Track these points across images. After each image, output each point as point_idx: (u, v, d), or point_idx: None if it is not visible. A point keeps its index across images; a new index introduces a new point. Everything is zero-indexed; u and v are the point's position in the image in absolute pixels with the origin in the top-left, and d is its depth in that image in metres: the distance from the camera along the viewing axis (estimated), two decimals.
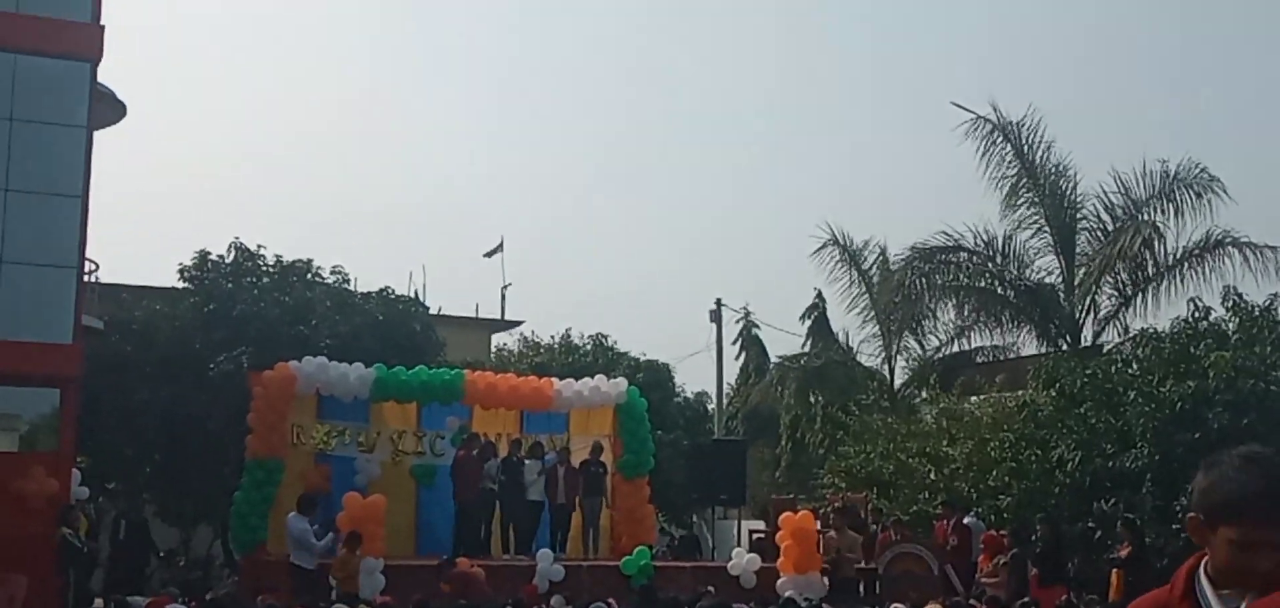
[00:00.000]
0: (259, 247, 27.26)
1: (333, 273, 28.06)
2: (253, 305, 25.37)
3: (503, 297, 42.30)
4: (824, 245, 33.40)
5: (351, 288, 28.05)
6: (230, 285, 26.19)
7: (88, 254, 20.27)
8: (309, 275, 27.46)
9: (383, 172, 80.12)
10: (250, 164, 77.85)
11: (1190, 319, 21.31)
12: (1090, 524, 20.08)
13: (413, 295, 30.08)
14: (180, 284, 26.94)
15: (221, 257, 26.90)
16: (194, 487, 23.64)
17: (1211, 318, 21.11)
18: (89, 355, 21.10)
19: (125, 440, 24.28)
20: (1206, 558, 3.26)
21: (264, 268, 27.07)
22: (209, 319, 25.29)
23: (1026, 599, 14.80)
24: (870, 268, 33.25)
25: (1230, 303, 21.02)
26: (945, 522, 21.19)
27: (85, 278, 20.78)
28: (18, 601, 16.13)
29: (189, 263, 26.81)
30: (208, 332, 24.91)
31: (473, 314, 40.91)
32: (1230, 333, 20.58)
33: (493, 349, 38.90)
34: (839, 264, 33.44)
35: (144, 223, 63.25)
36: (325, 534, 18.15)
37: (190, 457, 23.58)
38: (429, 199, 78.86)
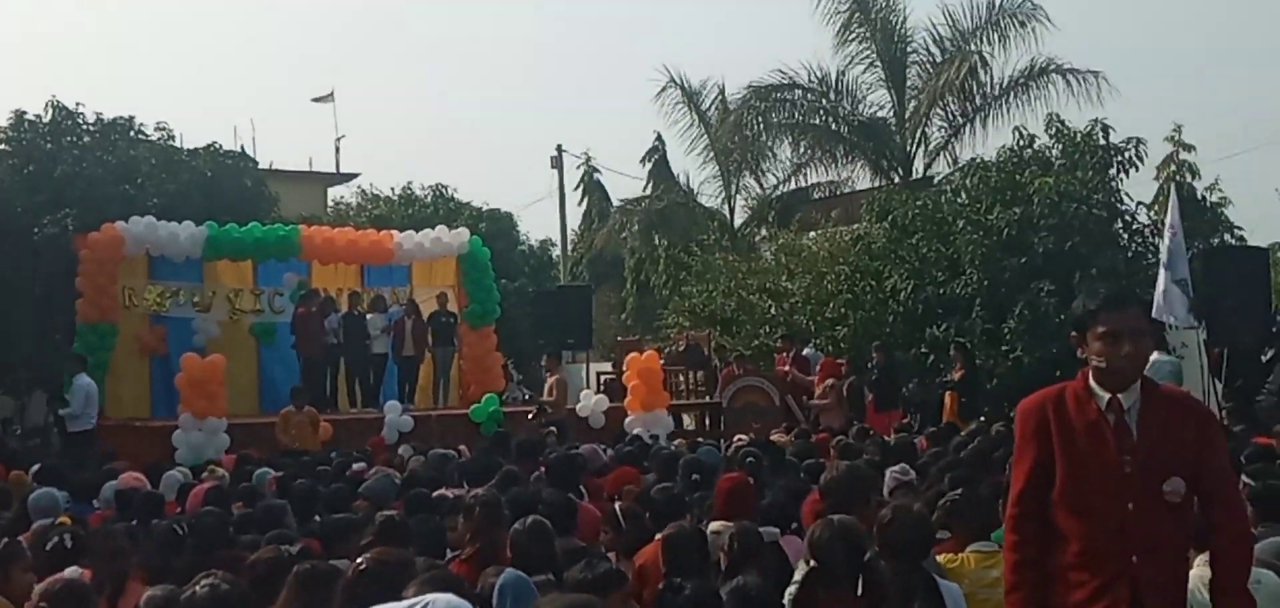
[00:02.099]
0: (78, 104, 26.15)
1: (157, 129, 27.04)
2: (75, 166, 24.32)
3: (337, 149, 41.49)
4: (664, 89, 33.55)
5: (177, 145, 27.11)
6: (49, 145, 25.05)
7: None
8: (132, 133, 26.43)
9: (205, 20, 77.31)
10: (65, 16, 74.39)
11: (1015, 147, 21.85)
12: (923, 350, 20.75)
13: (240, 150, 29.23)
14: None
15: (38, 116, 25.71)
16: (25, 354, 22.82)
17: (1036, 145, 21.65)
18: None
19: None
20: (1090, 369, 4.39)
21: (84, 126, 25.96)
22: (29, 181, 24.22)
23: (862, 426, 15.26)
24: (709, 109, 33.50)
25: (1053, 129, 21.61)
26: (785, 354, 21.67)
27: None
28: None
29: (4, 123, 25.60)
30: (29, 194, 23.86)
31: (306, 168, 40.04)
32: (1054, 159, 21.21)
33: (329, 203, 38.18)
34: (678, 106, 33.66)
35: None
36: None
37: (19, 323, 22.75)
38: (254, 48, 76.55)
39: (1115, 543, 4.30)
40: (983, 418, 16.24)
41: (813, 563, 4.90)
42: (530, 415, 19.10)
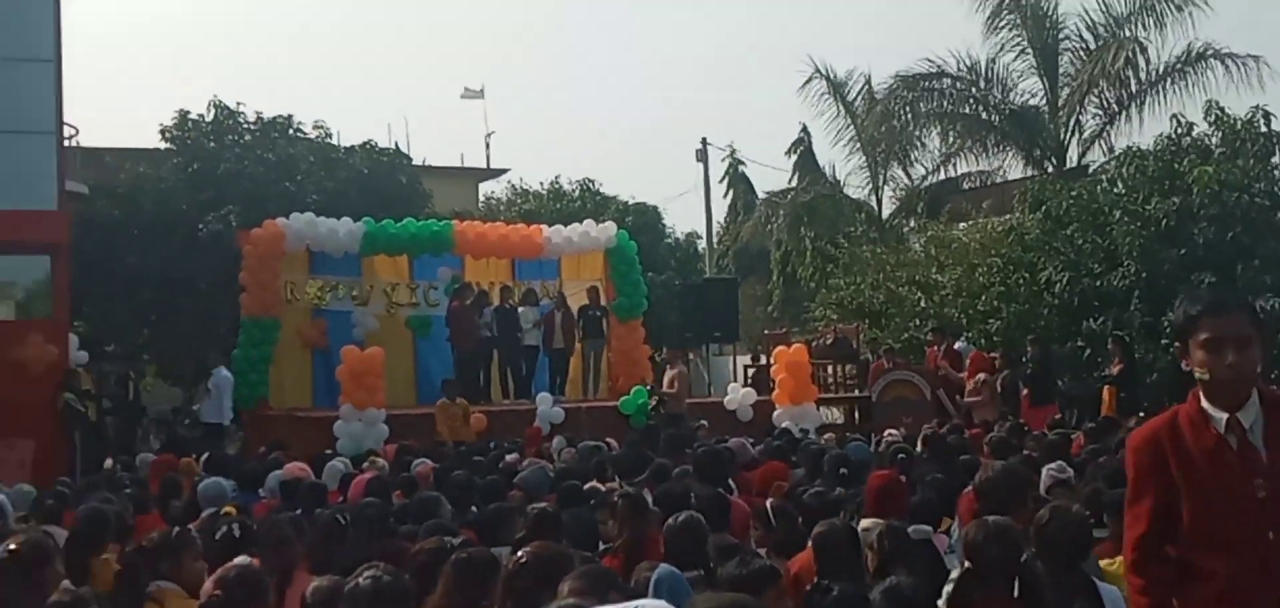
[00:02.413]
0: (238, 104, 27.07)
1: (315, 128, 27.89)
2: (236, 164, 25.22)
3: (487, 145, 42.26)
4: (809, 80, 33.28)
5: (334, 142, 27.89)
6: (212, 144, 26.02)
7: (66, 118, 20.02)
8: (290, 131, 27.27)
9: (358, 18, 79.23)
10: (225, 18, 76.97)
11: (1173, 135, 21.29)
12: (1079, 343, 20.31)
13: (395, 147, 29.90)
14: (162, 145, 26.76)
15: (201, 116, 26.67)
16: (192, 347, 23.70)
17: (1194, 133, 21.08)
18: (77, 221, 21.05)
19: (120, 305, 24.28)
20: (1199, 388, 4.03)
21: (245, 125, 26.88)
22: (193, 180, 25.17)
23: (1016, 422, 15.00)
24: (855, 99, 33.12)
25: (1213, 117, 20.96)
26: (936, 348, 21.39)
27: (65, 142, 20.55)
28: (26, 465, 16.31)
29: (169, 123, 26.61)
30: (193, 192, 24.80)
31: (458, 164, 40.80)
32: (1213, 147, 20.60)
33: (480, 199, 38.86)
34: (824, 97, 33.34)
35: (120, 84, 62.60)
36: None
37: (185, 318, 23.65)
38: (407, 45, 78.13)
39: (1260, 578, 3.91)
40: (1142, 414, 15.84)
41: (967, 564, 4.87)
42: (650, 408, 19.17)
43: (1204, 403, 4.03)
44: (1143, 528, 4.12)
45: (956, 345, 21.45)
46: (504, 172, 40.50)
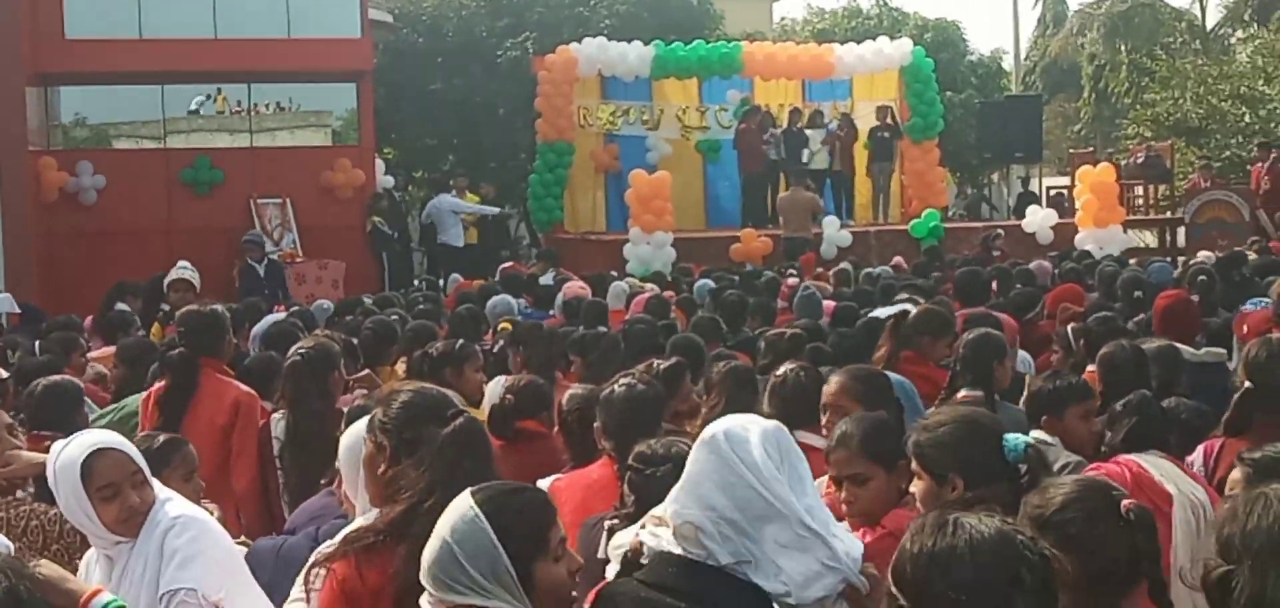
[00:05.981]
0: None
1: None
2: None
3: None
4: None
5: None
6: None
7: None
8: None
9: None
10: None
11: None
12: None
13: None
14: None
15: None
16: (493, 172, 24.45)
17: None
18: (383, 49, 21.85)
19: (425, 131, 25.23)
20: None
21: None
22: (492, 6, 25.68)
23: None
24: None
25: None
26: (1260, 165, 19.82)
27: None
28: (339, 284, 17.32)
29: None
30: (492, 19, 25.33)
31: None
32: None
33: (775, 20, 38.28)
34: None
35: None
36: None
37: (486, 143, 24.38)
38: None
39: None
40: None
41: (1248, 384, 4.50)
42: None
43: None
44: None
45: None
46: None
